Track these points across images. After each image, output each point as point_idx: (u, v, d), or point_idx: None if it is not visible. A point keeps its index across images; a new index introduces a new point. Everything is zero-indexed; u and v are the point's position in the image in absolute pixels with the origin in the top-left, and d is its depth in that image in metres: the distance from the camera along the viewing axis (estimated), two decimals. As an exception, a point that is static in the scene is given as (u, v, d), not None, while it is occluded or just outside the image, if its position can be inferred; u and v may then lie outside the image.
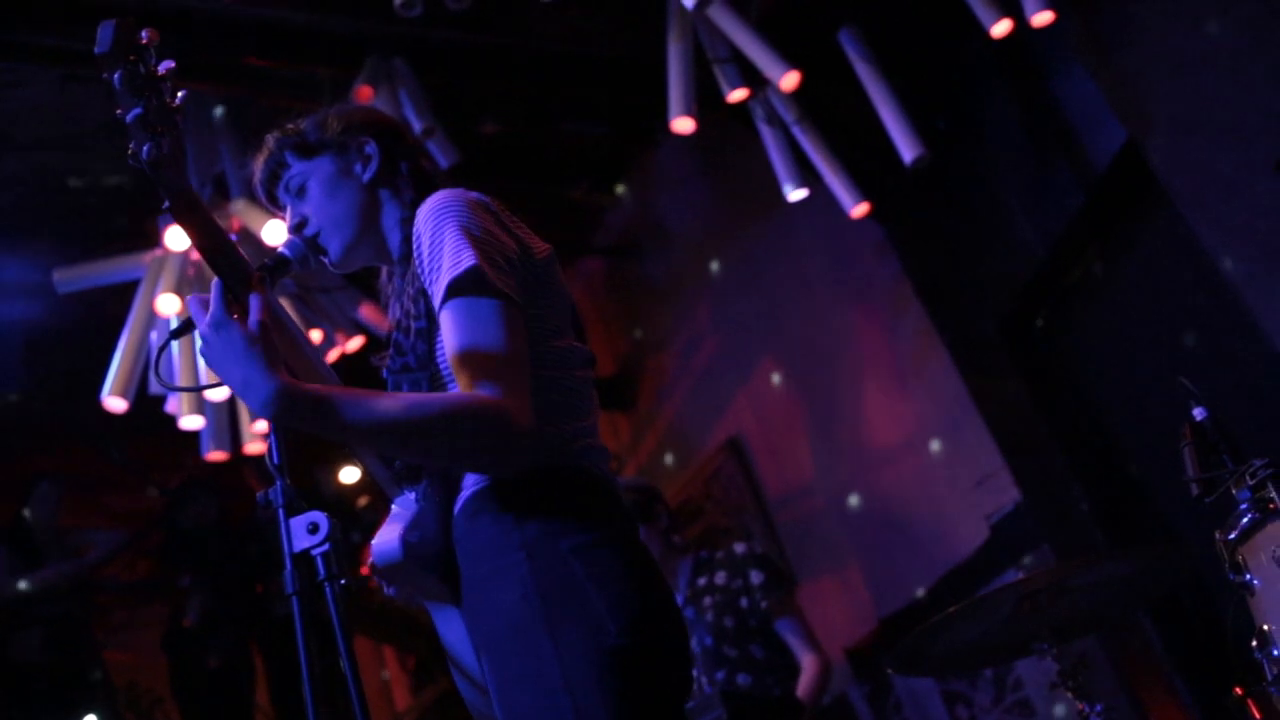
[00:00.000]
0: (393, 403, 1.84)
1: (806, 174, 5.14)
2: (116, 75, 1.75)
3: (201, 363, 4.98)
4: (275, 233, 4.75)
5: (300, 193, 2.22)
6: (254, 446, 5.29)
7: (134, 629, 7.61)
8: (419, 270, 1.98)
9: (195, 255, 5.01)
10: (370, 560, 2.02)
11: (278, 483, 1.85)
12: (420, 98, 4.84)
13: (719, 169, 6.41)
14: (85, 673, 6.24)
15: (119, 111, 1.76)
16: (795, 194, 5.15)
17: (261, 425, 5.04)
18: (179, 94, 1.79)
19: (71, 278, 5.09)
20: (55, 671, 6.08)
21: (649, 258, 7.12)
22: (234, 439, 5.30)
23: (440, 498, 2.02)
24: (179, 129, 1.78)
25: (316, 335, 5.31)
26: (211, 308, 1.87)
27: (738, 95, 4.95)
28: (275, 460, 1.89)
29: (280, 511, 1.82)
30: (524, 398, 1.84)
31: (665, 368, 7.07)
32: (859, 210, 5.09)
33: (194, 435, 5.28)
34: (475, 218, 1.97)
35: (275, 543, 1.82)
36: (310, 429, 1.82)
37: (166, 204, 1.81)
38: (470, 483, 1.98)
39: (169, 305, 4.85)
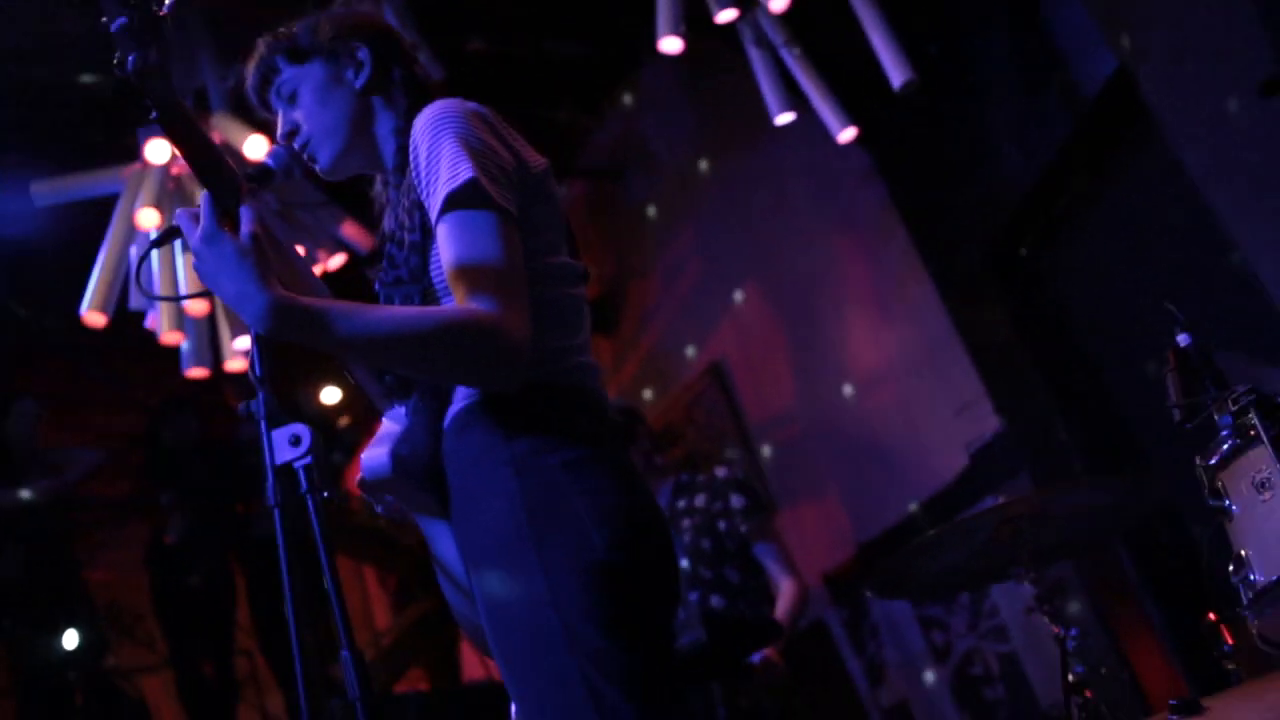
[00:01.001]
0: (388, 315, 1.82)
1: (794, 98, 5.10)
2: None
3: (181, 275, 4.96)
4: (256, 146, 4.69)
5: (292, 99, 2.19)
6: (234, 364, 5.27)
7: (115, 547, 7.62)
8: (415, 181, 1.96)
9: (175, 170, 4.96)
10: (359, 474, 2.01)
11: (259, 394, 1.83)
12: (405, 14, 4.77)
13: (705, 91, 6.35)
14: (66, 590, 6.25)
15: (103, 19, 1.71)
16: (783, 118, 5.10)
17: (243, 342, 5.02)
18: (165, 2, 1.74)
19: (49, 191, 5.03)
20: (35, 589, 6.08)
21: (633, 181, 7.08)
22: (214, 356, 5.28)
23: (431, 412, 2.01)
24: (166, 38, 1.73)
25: (299, 252, 5.26)
26: (202, 221, 1.83)
27: (726, 16, 4.88)
28: (258, 373, 1.87)
29: (262, 423, 1.81)
30: (521, 312, 1.82)
31: (648, 291, 7.05)
32: (846, 135, 5.05)
33: (174, 353, 5.25)
34: (473, 129, 1.94)
35: (257, 460, 1.81)
36: (305, 341, 1.80)
37: (154, 115, 1.77)
38: (461, 397, 1.97)
39: (149, 219, 4.81)
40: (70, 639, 5.94)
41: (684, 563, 4.37)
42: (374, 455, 1.99)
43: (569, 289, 2.03)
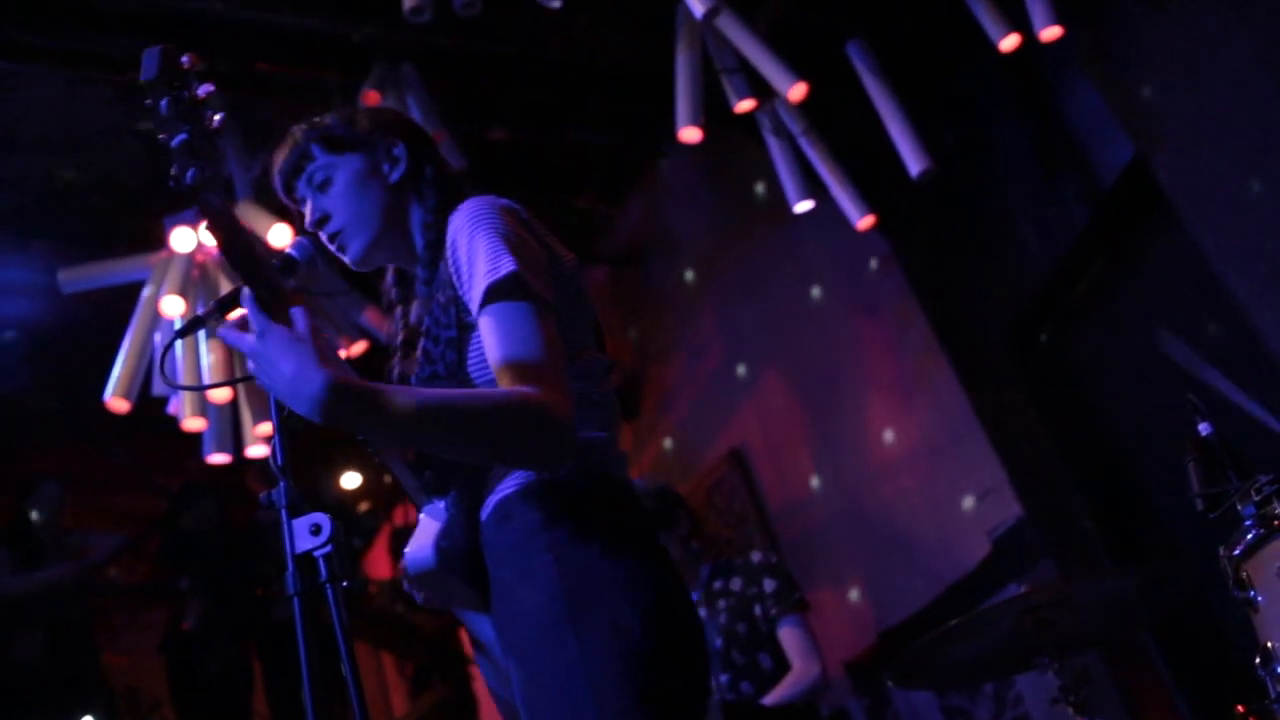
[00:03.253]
0: (443, 394, 1.84)
1: (813, 186, 5.14)
2: (163, 102, 1.77)
3: (205, 364, 4.99)
4: (280, 235, 4.75)
5: (323, 186, 2.22)
6: (256, 450, 5.29)
7: (134, 632, 7.60)
8: (453, 277, 1.99)
9: (200, 258, 5.02)
10: (404, 568, 2.02)
11: (281, 483, 1.84)
12: (428, 104, 4.85)
13: (725, 179, 6.41)
14: (84, 675, 6.23)
15: (162, 136, 1.79)
16: (802, 206, 5.15)
17: (265, 428, 5.04)
18: (217, 117, 1.82)
19: (76, 278, 5.10)
20: (54, 674, 6.06)
21: (654, 267, 7.12)
22: (236, 442, 5.30)
23: (469, 505, 2.03)
24: (219, 153, 1.81)
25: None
26: (254, 319, 1.83)
27: (745, 106, 4.95)
28: (279, 461, 1.88)
29: (283, 512, 1.82)
30: (567, 397, 1.84)
31: (669, 377, 7.06)
32: (865, 223, 5.08)
33: (196, 438, 5.28)
34: (509, 225, 1.98)
35: (276, 546, 1.82)
36: (361, 423, 1.79)
37: (207, 223, 1.83)
38: (500, 489, 2.00)
39: (173, 307, 4.85)
40: (88, 725, 5.91)
41: (717, 643, 4.35)
42: (418, 549, 2.01)
43: (600, 382, 2.06)
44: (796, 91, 4.68)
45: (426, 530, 2.04)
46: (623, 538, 1.93)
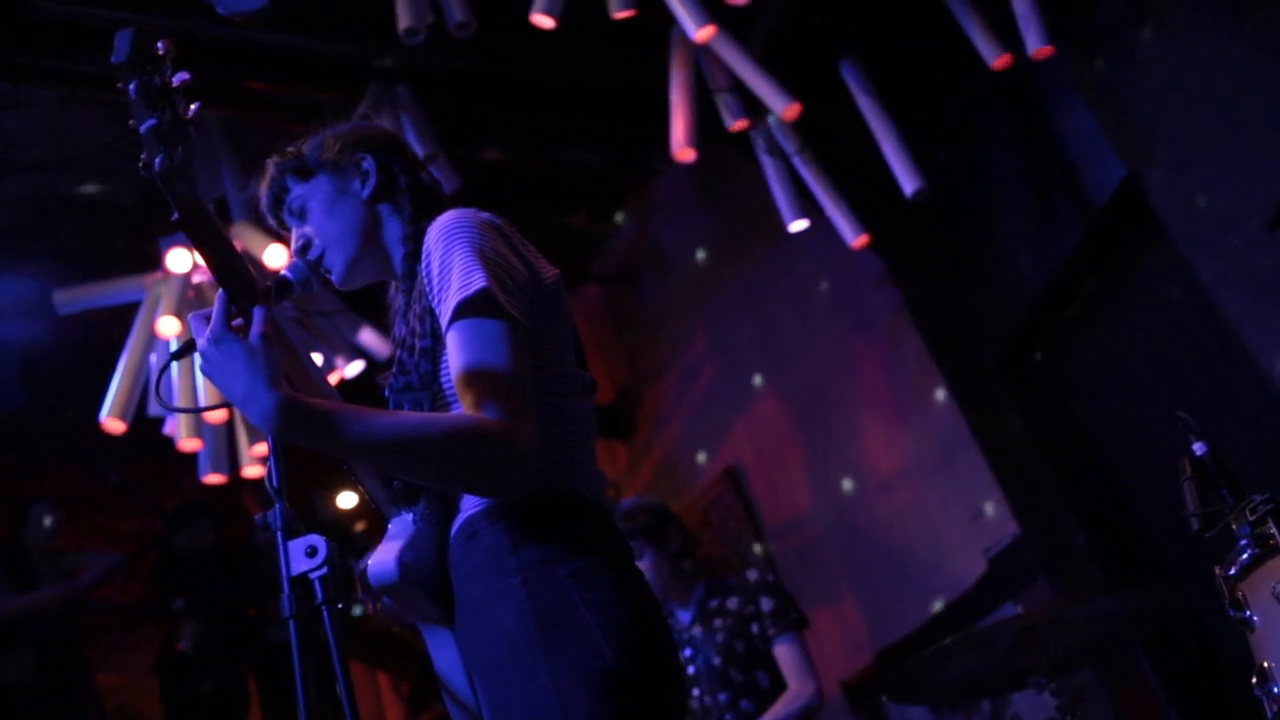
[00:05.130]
0: (395, 420, 1.84)
1: (807, 205, 5.15)
2: (132, 85, 1.73)
3: (201, 384, 5.00)
4: (276, 256, 4.75)
5: (302, 214, 2.24)
6: (251, 470, 5.28)
7: (127, 652, 7.57)
8: (427, 289, 1.98)
9: (196, 278, 5.02)
10: (364, 577, 2.01)
11: (276, 505, 1.84)
12: (423, 124, 4.85)
13: (718, 198, 6.42)
14: (75, 695, 6.20)
15: (132, 122, 1.75)
16: (796, 225, 5.16)
17: (260, 449, 5.04)
18: (192, 106, 1.78)
19: (71, 299, 5.10)
20: (46, 694, 6.04)
21: (648, 286, 7.13)
22: (232, 462, 5.30)
23: (437, 519, 2.02)
24: (191, 141, 1.77)
25: (316, 359, 5.30)
26: (212, 322, 1.86)
27: (739, 125, 4.96)
28: (274, 483, 1.88)
29: (279, 534, 1.82)
30: (527, 421, 1.83)
31: (663, 396, 7.07)
32: (859, 241, 5.09)
33: (191, 458, 5.27)
34: (486, 239, 1.97)
35: (270, 567, 1.82)
36: (311, 444, 1.81)
37: (175, 215, 1.80)
38: (468, 505, 1.98)
39: (169, 327, 4.85)
40: (80, 745, 5.88)
41: (715, 661, 4.34)
42: (381, 561, 2.00)
43: (576, 399, 2.04)
44: (790, 111, 4.69)
45: (392, 541, 2.03)
46: (594, 558, 1.90)
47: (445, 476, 1.90)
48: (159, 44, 1.76)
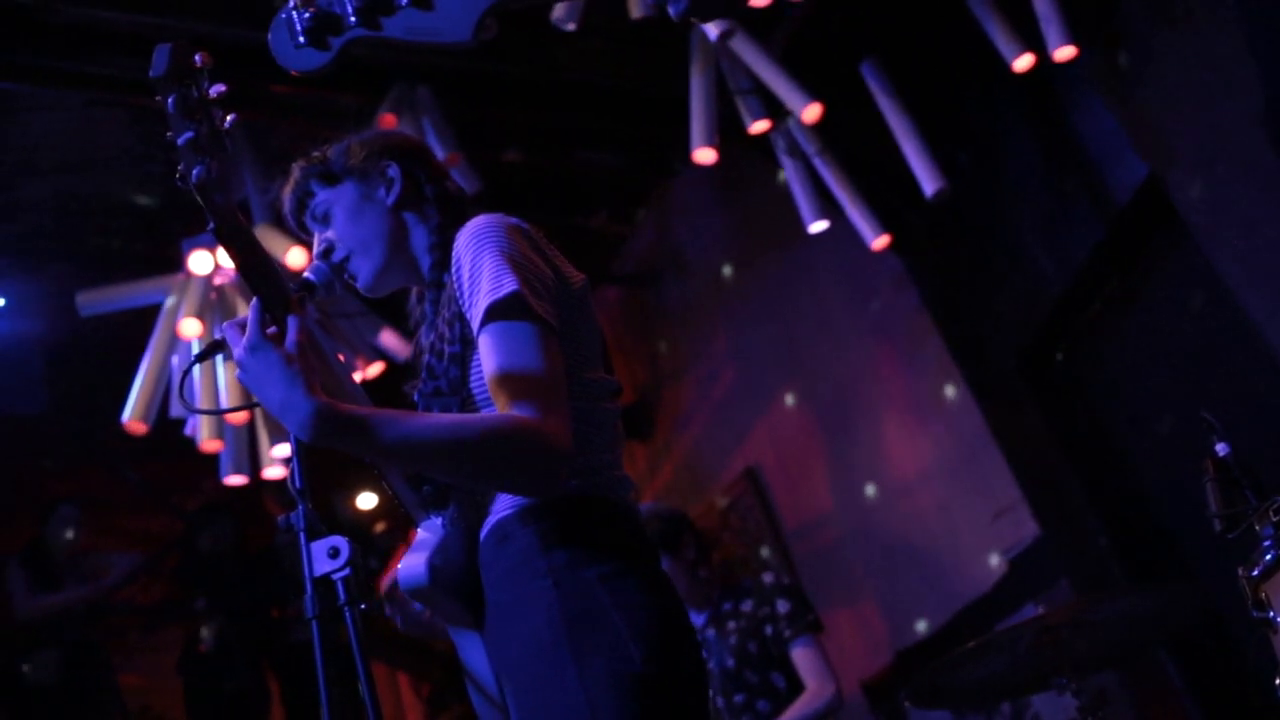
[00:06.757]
0: (431, 422, 1.85)
1: (827, 206, 5.15)
2: (170, 98, 1.75)
3: (223, 386, 5.02)
4: (297, 258, 4.77)
5: (325, 219, 2.24)
6: (273, 471, 5.30)
7: (150, 652, 7.60)
8: (456, 294, 1.99)
9: (218, 280, 5.04)
10: (394, 583, 2.02)
11: (299, 507, 1.85)
12: (443, 126, 4.87)
13: (738, 199, 6.42)
14: (99, 695, 6.24)
15: (170, 134, 1.77)
16: (816, 226, 5.15)
17: (282, 450, 5.06)
18: (228, 118, 1.80)
19: (94, 300, 5.12)
20: (71, 694, 6.08)
21: (667, 287, 7.13)
22: (253, 463, 5.32)
23: (467, 523, 2.02)
24: (227, 152, 1.79)
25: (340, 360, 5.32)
26: (248, 330, 1.87)
27: (759, 127, 4.96)
28: (298, 485, 1.89)
29: (301, 535, 1.83)
30: (563, 419, 1.84)
31: (683, 397, 7.06)
32: (879, 242, 5.09)
33: (213, 459, 5.29)
34: (515, 244, 1.98)
35: (292, 567, 1.83)
36: (348, 448, 1.82)
37: (211, 225, 1.81)
38: (498, 509, 1.99)
39: (191, 329, 4.87)
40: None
41: (729, 663, 4.33)
42: (411, 565, 2.01)
43: (604, 403, 2.05)
44: (811, 112, 4.69)
45: (421, 546, 2.04)
46: (622, 562, 1.91)
47: (482, 475, 1.90)
48: (196, 56, 1.78)
